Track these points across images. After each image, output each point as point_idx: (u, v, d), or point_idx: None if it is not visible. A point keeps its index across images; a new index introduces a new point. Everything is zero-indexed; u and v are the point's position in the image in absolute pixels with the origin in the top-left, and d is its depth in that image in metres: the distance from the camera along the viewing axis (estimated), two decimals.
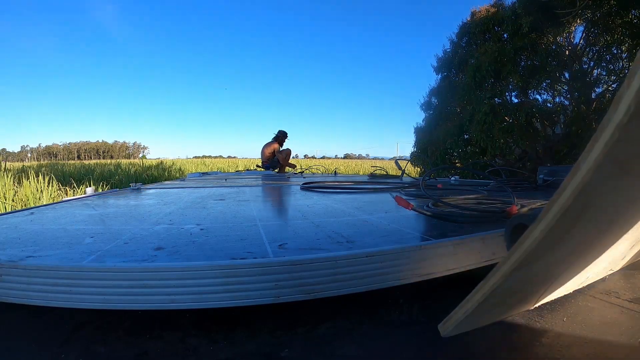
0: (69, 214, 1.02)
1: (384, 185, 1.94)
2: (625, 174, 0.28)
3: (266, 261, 0.52)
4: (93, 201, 1.35)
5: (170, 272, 0.49)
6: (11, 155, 74.43)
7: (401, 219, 0.90)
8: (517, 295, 0.46)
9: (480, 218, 0.87)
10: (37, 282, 0.50)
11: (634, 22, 3.40)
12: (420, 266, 0.59)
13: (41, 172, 4.17)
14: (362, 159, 50.93)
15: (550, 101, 4.42)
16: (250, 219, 0.92)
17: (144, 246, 0.63)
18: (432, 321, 0.50)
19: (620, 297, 0.64)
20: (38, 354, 0.47)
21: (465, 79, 4.69)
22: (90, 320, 0.56)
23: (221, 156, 49.12)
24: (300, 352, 0.48)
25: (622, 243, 0.51)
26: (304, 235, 0.72)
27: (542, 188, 1.81)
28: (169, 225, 0.84)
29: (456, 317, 0.41)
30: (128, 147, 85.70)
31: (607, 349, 0.48)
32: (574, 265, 0.48)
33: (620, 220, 0.39)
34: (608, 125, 0.23)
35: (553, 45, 4.20)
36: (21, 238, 0.70)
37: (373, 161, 23.16)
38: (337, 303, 0.59)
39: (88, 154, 79.81)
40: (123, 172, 6.56)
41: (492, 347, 0.49)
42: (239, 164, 12.63)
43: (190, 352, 0.47)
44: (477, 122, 4.18)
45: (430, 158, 4.96)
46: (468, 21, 5.13)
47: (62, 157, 59.44)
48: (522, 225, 0.55)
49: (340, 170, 8.17)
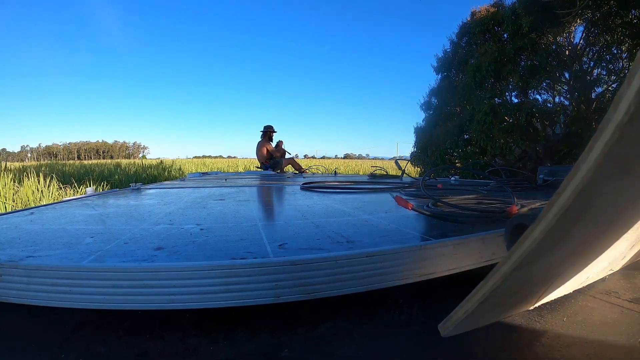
0: (69, 214, 1.02)
1: (384, 185, 1.94)
2: (625, 174, 0.28)
3: (266, 261, 0.52)
4: (93, 201, 1.35)
5: (170, 272, 0.49)
6: (11, 155, 74.43)
7: (401, 219, 0.90)
8: (517, 295, 0.46)
9: (480, 218, 0.87)
10: (37, 282, 0.50)
11: (634, 22, 3.40)
12: (420, 266, 0.59)
13: (41, 171, 4.18)
14: (362, 159, 50.91)
15: (550, 101, 4.42)
16: (250, 219, 0.92)
17: (144, 246, 0.63)
18: (432, 321, 0.50)
19: (620, 297, 0.64)
20: (38, 354, 0.47)
21: (465, 79, 4.69)
22: (90, 320, 0.56)
23: (221, 156, 49.11)
24: (300, 352, 0.48)
25: (622, 243, 0.51)
26: (304, 235, 0.72)
27: (542, 188, 1.81)
28: (169, 225, 0.84)
29: (456, 317, 0.41)
30: (128, 147, 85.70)
31: (607, 349, 0.48)
32: (574, 265, 0.48)
33: (620, 220, 0.39)
34: (608, 125, 0.23)
35: (553, 45, 4.20)
36: (21, 238, 0.70)
37: (373, 161, 23.16)
38: (337, 303, 0.59)
39: (88, 154, 79.80)
40: (123, 172, 6.56)
41: (492, 347, 0.49)
42: (239, 164, 12.62)
43: (190, 352, 0.47)
44: (477, 122, 4.18)
45: (430, 158, 4.96)
46: (468, 21, 5.13)
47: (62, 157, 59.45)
48: (522, 225, 0.55)
49: (340, 170, 8.18)
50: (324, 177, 3.56)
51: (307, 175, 4.07)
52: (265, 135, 4.84)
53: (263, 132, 4.85)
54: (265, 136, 4.84)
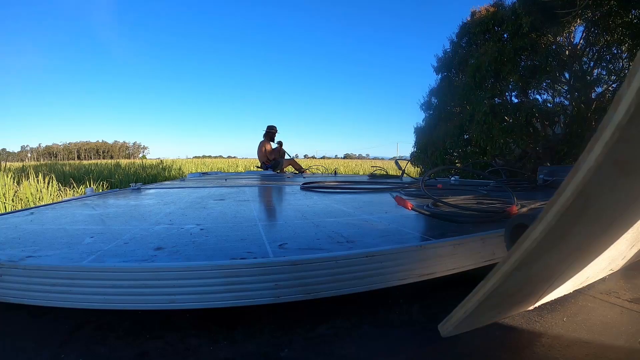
0: (69, 214, 1.02)
1: (384, 185, 1.94)
2: (625, 174, 0.28)
3: (266, 261, 0.52)
4: (93, 201, 1.35)
5: (170, 272, 0.49)
6: (11, 155, 74.40)
7: (401, 219, 0.90)
8: (517, 295, 0.46)
9: (480, 218, 0.87)
10: (37, 282, 0.50)
11: (634, 22, 3.40)
12: (420, 266, 0.59)
13: (41, 171, 4.18)
14: (362, 159, 50.90)
15: (550, 101, 4.42)
16: (250, 219, 0.92)
17: (144, 246, 0.63)
18: (432, 321, 0.50)
19: (620, 297, 0.64)
20: (38, 354, 0.47)
21: (465, 79, 4.69)
22: (90, 320, 0.56)
23: (221, 156, 49.05)
24: (300, 352, 0.48)
25: (622, 243, 0.51)
26: (304, 235, 0.72)
27: (542, 188, 1.81)
28: (169, 225, 0.84)
29: (456, 317, 0.41)
30: (128, 147, 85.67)
31: (607, 349, 0.48)
32: (574, 265, 0.48)
33: (620, 220, 0.39)
34: (608, 126, 0.23)
35: (553, 45, 4.20)
36: (21, 238, 0.70)
37: (373, 161, 23.15)
38: (337, 303, 0.59)
39: (88, 154, 79.77)
40: (123, 172, 6.55)
41: (492, 347, 0.49)
42: (239, 164, 12.62)
43: (190, 352, 0.47)
44: (477, 122, 4.17)
45: (430, 158, 4.96)
46: (468, 21, 5.12)
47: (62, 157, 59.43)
48: (522, 225, 0.55)
49: (340, 170, 8.17)
50: (324, 177, 3.56)
51: (307, 175, 4.07)
52: (267, 135, 4.86)
53: (266, 132, 4.87)
54: (267, 136, 4.86)
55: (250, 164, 11.64)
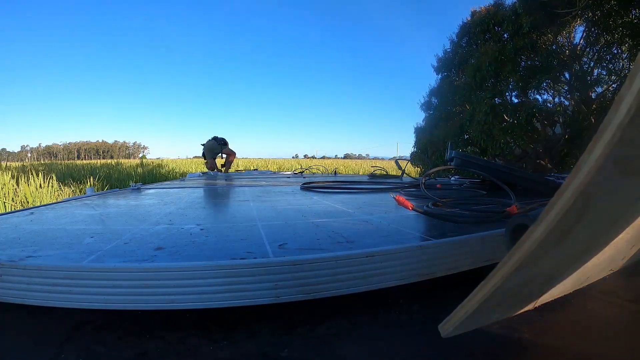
0: (69, 214, 1.02)
1: (384, 185, 1.94)
2: (627, 175, 0.28)
3: (266, 261, 0.52)
4: (93, 201, 1.35)
5: (170, 272, 0.49)
6: (11, 155, 74.40)
7: (401, 219, 0.90)
8: (518, 295, 0.46)
9: (480, 218, 0.87)
10: (37, 282, 0.50)
11: (634, 22, 3.40)
12: (420, 266, 0.59)
13: (40, 171, 4.18)
14: (362, 159, 50.90)
15: (550, 101, 4.42)
16: (250, 219, 0.92)
17: (144, 246, 0.63)
18: (432, 321, 0.50)
19: (620, 297, 0.64)
20: (38, 354, 0.47)
21: (466, 79, 4.69)
22: (90, 320, 0.55)
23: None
24: (300, 352, 0.48)
25: (623, 243, 0.51)
26: (304, 235, 0.72)
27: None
28: (169, 225, 0.84)
29: (456, 317, 0.41)
30: (128, 147, 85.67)
31: (607, 349, 0.48)
32: (574, 265, 0.48)
33: (621, 220, 0.39)
34: (609, 126, 0.23)
35: (553, 45, 4.20)
36: (21, 238, 0.70)
37: (373, 161, 23.15)
38: (337, 303, 0.59)
39: (88, 154, 79.76)
40: (123, 171, 6.55)
41: (492, 347, 0.49)
42: (239, 163, 12.62)
43: (190, 352, 0.47)
44: (477, 122, 4.18)
45: (430, 158, 4.96)
46: (468, 21, 5.12)
47: (62, 157, 59.38)
48: (523, 225, 0.54)
49: (340, 170, 8.17)
50: (324, 177, 3.56)
51: (307, 175, 4.07)
52: None
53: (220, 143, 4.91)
54: None
55: (251, 164, 11.64)
